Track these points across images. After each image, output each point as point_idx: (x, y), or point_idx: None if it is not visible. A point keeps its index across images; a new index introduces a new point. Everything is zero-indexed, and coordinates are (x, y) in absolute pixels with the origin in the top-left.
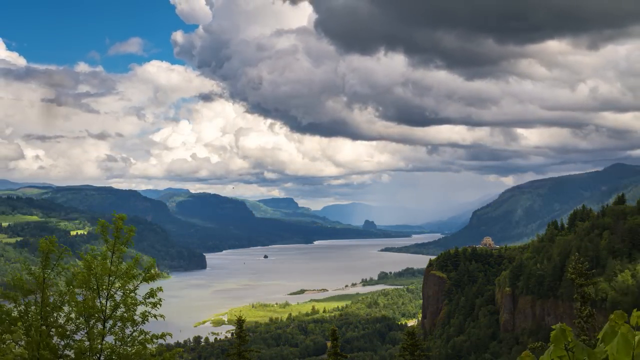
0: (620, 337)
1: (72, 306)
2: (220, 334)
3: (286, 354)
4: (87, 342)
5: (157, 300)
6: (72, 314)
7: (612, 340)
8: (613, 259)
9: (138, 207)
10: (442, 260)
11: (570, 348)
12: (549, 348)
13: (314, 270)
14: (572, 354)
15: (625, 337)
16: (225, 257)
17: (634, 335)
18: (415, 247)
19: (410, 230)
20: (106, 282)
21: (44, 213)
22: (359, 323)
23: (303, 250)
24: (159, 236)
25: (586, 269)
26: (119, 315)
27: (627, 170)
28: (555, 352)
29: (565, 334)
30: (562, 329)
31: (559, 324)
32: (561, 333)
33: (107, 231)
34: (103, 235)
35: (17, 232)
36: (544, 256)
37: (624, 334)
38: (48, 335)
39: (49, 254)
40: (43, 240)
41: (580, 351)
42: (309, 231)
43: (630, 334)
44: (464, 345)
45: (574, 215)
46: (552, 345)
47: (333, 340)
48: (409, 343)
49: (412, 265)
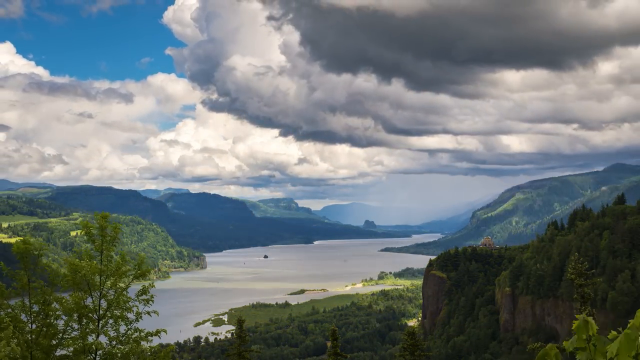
0: (624, 336)
1: (63, 306)
2: (220, 334)
3: (286, 354)
4: (80, 341)
5: (149, 297)
6: (64, 314)
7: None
8: (613, 259)
9: (138, 207)
10: (442, 260)
11: (593, 342)
12: (572, 338)
13: (314, 270)
14: (594, 347)
15: (628, 337)
16: (225, 257)
17: (638, 336)
18: (415, 247)
19: (410, 230)
20: (97, 282)
21: (44, 213)
22: (359, 323)
23: (303, 250)
24: (159, 236)
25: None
26: (112, 314)
27: (627, 170)
28: (578, 342)
29: (587, 326)
30: (586, 320)
31: (583, 315)
32: (584, 324)
33: (91, 232)
34: (88, 236)
35: (17, 232)
36: (544, 256)
37: (628, 334)
38: (39, 335)
39: (26, 254)
40: (17, 242)
41: (602, 344)
42: (309, 231)
43: (633, 334)
44: (464, 345)
45: (574, 215)
46: (575, 336)
47: (333, 340)
48: (409, 343)
49: (412, 265)
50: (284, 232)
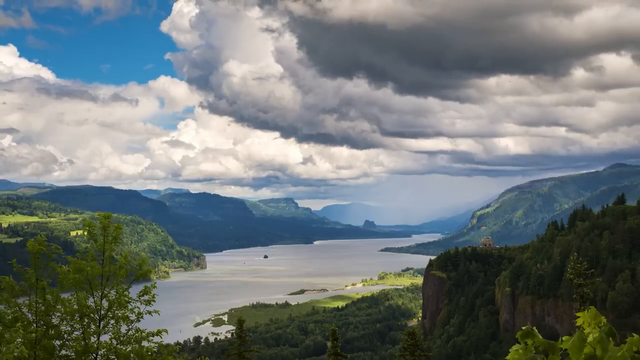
0: (577, 334)
1: (66, 306)
2: (220, 334)
3: (286, 354)
4: (83, 341)
5: (151, 297)
6: (67, 315)
7: None
8: (613, 259)
9: (138, 207)
10: (442, 260)
11: (537, 346)
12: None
13: (314, 270)
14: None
15: (580, 335)
16: (225, 257)
17: (589, 334)
18: (415, 247)
19: (410, 230)
20: (99, 282)
21: (44, 213)
22: (359, 323)
23: (303, 250)
24: (159, 236)
25: (585, 269)
26: (114, 314)
27: (627, 170)
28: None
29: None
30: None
31: (528, 326)
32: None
33: (94, 232)
34: (91, 236)
35: (17, 232)
36: (544, 256)
37: (580, 332)
38: (44, 335)
39: (39, 254)
40: (31, 241)
41: (547, 346)
42: (309, 231)
43: (584, 333)
44: (464, 345)
45: (574, 215)
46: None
47: (333, 340)
48: (409, 343)
49: (412, 265)
50: (284, 232)
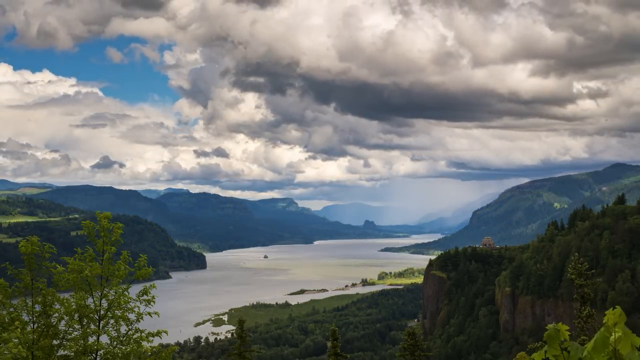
0: (599, 335)
1: (65, 307)
2: (220, 334)
3: (286, 354)
4: (81, 341)
5: (150, 297)
6: (65, 315)
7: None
8: (613, 259)
9: (138, 207)
10: (442, 260)
11: (565, 347)
12: (543, 346)
13: (314, 270)
14: (567, 354)
15: (603, 335)
16: (225, 257)
17: (611, 334)
18: (415, 247)
19: (410, 230)
20: (98, 282)
21: (44, 213)
22: (359, 323)
23: (303, 250)
24: (159, 236)
25: (586, 269)
26: (113, 314)
27: (627, 170)
28: (550, 351)
29: (559, 333)
30: (557, 329)
31: (554, 324)
32: (555, 332)
33: (93, 232)
34: (90, 237)
35: (17, 232)
36: (544, 256)
37: (603, 332)
38: (41, 335)
39: (32, 254)
40: (23, 242)
41: (575, 350)
42: (309, 231)
43: (608, 333)
44: (464, 345)
45: (574, 215)
46: (547, 344)
47: (333, 341)
48: (409, 343)
49: (412, 265)
50: (284, 232)
